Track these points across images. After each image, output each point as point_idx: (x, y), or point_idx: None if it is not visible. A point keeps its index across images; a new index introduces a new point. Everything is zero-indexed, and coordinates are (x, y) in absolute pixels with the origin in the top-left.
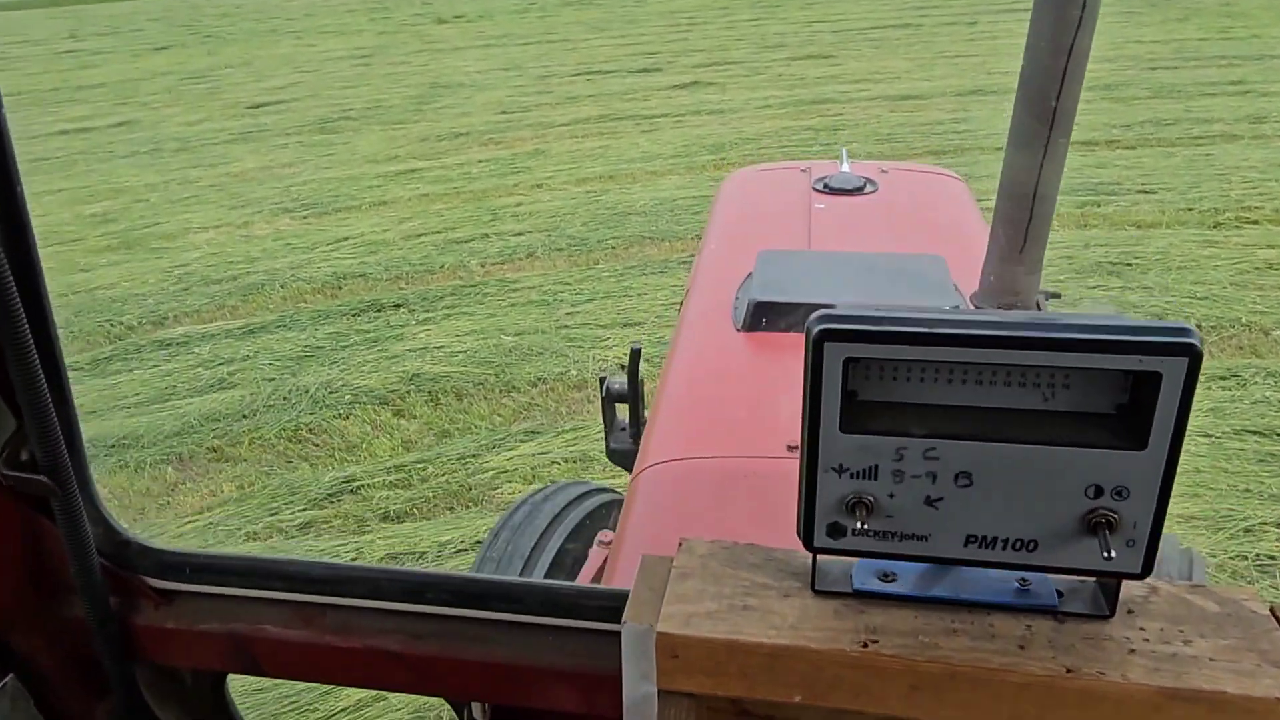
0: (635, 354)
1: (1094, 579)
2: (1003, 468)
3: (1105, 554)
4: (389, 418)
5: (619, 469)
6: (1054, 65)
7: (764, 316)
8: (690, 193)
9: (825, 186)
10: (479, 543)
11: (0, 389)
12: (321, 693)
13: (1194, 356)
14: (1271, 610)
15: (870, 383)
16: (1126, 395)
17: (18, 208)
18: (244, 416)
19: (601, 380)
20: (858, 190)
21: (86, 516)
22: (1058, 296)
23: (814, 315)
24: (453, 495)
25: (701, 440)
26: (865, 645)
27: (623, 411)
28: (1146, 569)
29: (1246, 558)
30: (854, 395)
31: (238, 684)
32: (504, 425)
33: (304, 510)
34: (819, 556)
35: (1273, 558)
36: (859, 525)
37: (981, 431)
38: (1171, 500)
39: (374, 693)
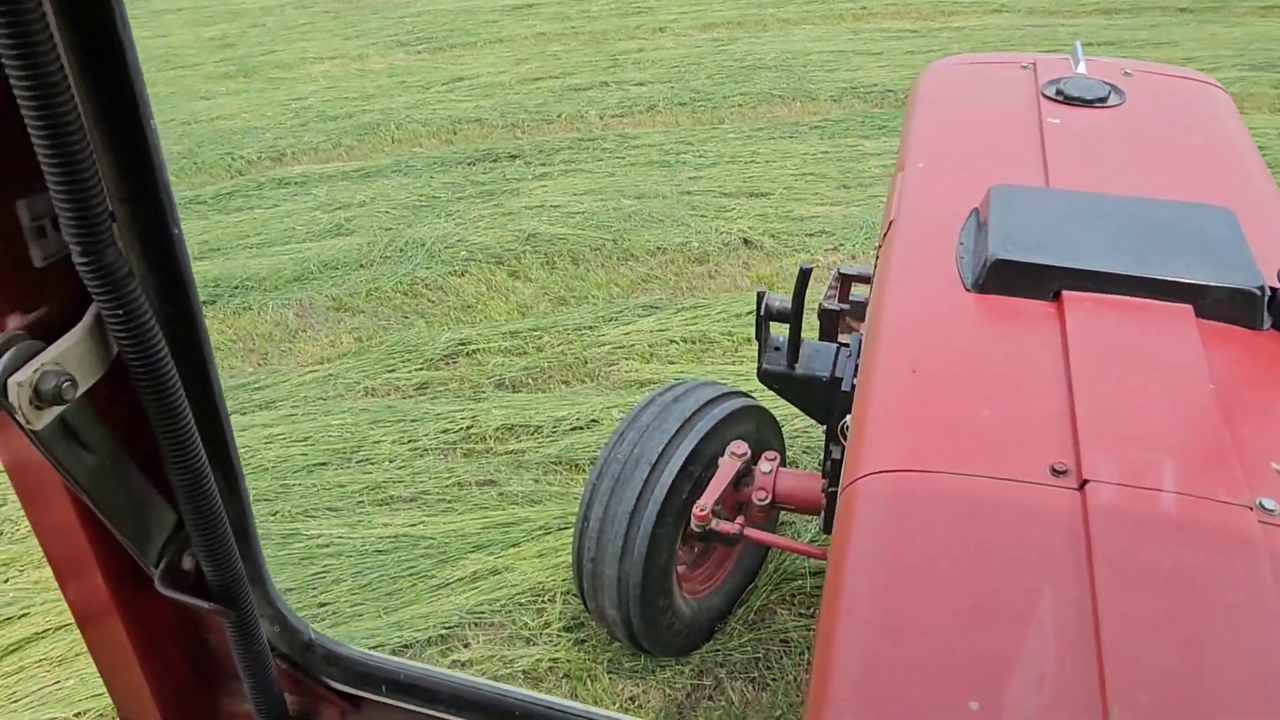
0: (804, 274)
1: None
2: None
3: None
4: (504, 279)
5: (734, 376)
6: None
7: (1005, 278)
8: (826, 46)
9: (1059, 94)
10: (594, 421)
11: (158, 480)
12: (437, 560)
13: None
14: None
15: None
16: None
17: (176, 260)
18: (361, 266)
19: (760, 295)
20: (1100, 101)
21: (263, 617)
22: None
23: None
24: (568, 368)
25: (935, 446)
26: None
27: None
28: None
29: None
30: None
31: None
32: (621, 297)
33: (420, 370)
34: None
35: None
36: None
37: None
38: None
39: (491, 566)
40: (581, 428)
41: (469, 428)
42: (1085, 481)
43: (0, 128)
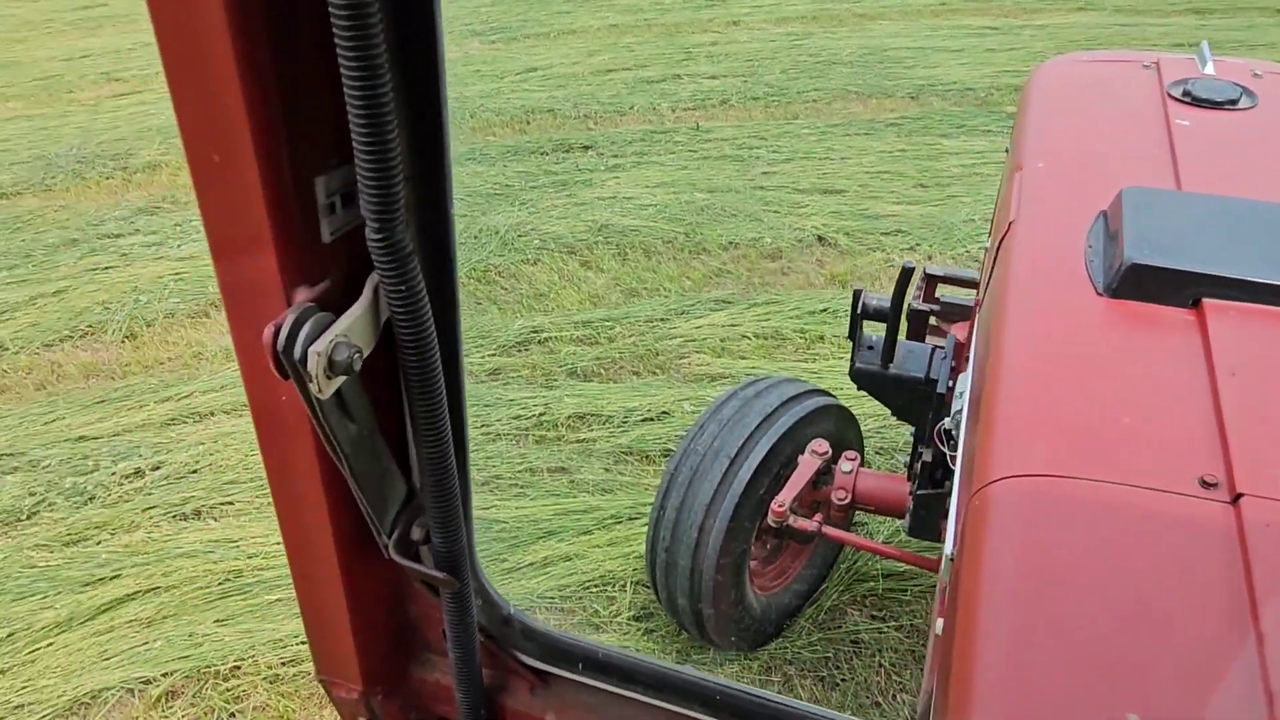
0: (906, 273)
1: None
2: None
3: None
4: (576, 268)
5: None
6: None
7: (1141, 283)
8: (904, 43)
9: (1187, 95)
10: (665, 413)
11: (397, 452)
12: (509, 544)
13: None
14: None
15: None
16: None
17: (448, 265)
18: None
19: (856, 294)
20: (1231, 103)
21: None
22: None
23: None
24: (639, 359)
25: (1073, 452)
26: None
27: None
28: None
29: None
30: None
31: None
32: (693, 290)
33: (493, 356)
34: None
35: None
36: None
37: None
38: None
39: (562, 552)
40: (652, 419)
41: (541, 415)
42: (1239, 495)
43: (312, 106)
